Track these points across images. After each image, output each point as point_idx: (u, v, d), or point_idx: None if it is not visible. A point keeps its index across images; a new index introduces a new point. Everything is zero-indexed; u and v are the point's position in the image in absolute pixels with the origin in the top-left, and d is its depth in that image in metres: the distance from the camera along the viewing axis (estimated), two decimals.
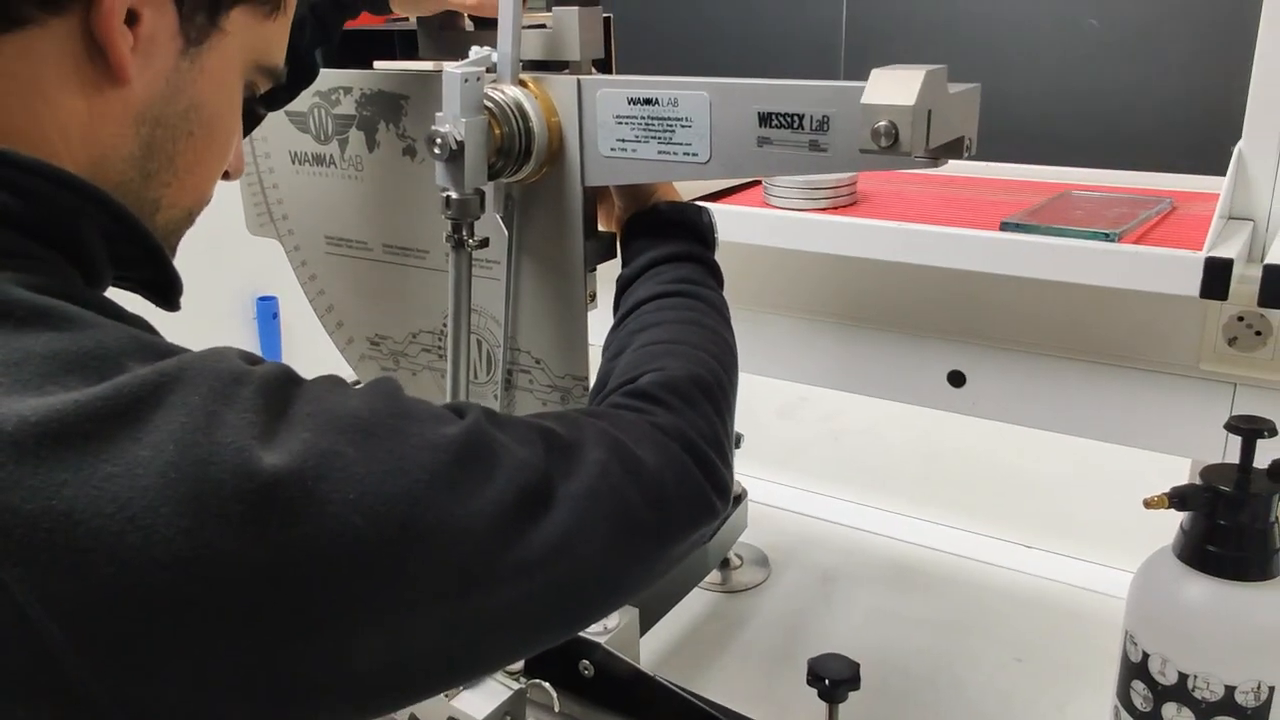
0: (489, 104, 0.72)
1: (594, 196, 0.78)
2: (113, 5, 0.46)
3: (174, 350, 0.43)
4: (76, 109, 0.48)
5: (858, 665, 0.80)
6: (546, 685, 0.88)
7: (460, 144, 0.69)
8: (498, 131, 0.72)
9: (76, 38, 0.47)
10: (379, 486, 0.42)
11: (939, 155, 0.58)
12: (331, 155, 0.87)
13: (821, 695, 0.80)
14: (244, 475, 0.39)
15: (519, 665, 0.89)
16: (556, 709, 0.88)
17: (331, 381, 0.48)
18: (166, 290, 0.55)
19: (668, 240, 0.74)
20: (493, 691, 0.87)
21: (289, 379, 0.45)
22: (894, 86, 0.55)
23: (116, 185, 0.51)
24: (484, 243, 0.75)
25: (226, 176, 0.61)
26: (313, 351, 1.67)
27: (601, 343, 0.76)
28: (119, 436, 0.38)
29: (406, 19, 0.84)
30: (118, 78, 0.48)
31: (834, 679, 0.79)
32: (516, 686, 0.87)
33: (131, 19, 0.47)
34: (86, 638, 0.36)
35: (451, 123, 0.69)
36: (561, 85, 0.74)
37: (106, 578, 0.36)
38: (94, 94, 0.48)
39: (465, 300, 0.77)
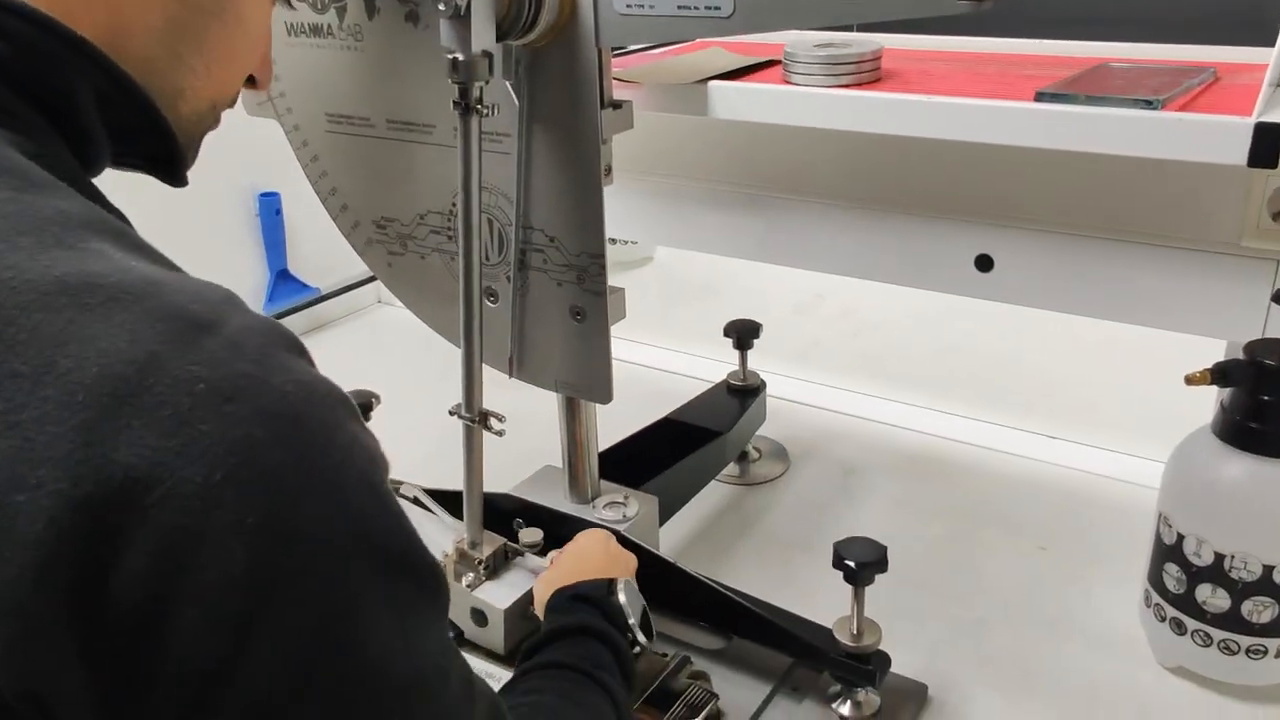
0: None
1: (609, 61, 0.75)
2: None
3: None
4: None
5: (885, 548, 0.79)
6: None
7: (466, 1, 0.66)
8: None
9: None
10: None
11: None
12: (329, 25, 0.83)
13: (847, 578, 0.79)
14: None
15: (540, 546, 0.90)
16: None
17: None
18: (171, 164, 0.53)
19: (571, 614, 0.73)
20: (514, 583, 0.87)
21: None
22: None
23: (140, 61, 0.49)
24: (493, 109, 0.72)
25: (253, 84, 0.60)
26: (317, 248, 1.67)
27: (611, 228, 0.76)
28: None
29: None
30: None
31: (860, 561, 0.78)
32: (540, 568, 0.87)
33: None
34: None
35: None
36: None
37: None
38: None
39: (476, 172, 0.74)
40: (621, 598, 0.73)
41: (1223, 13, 1.40)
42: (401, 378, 1.22)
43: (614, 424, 1.04)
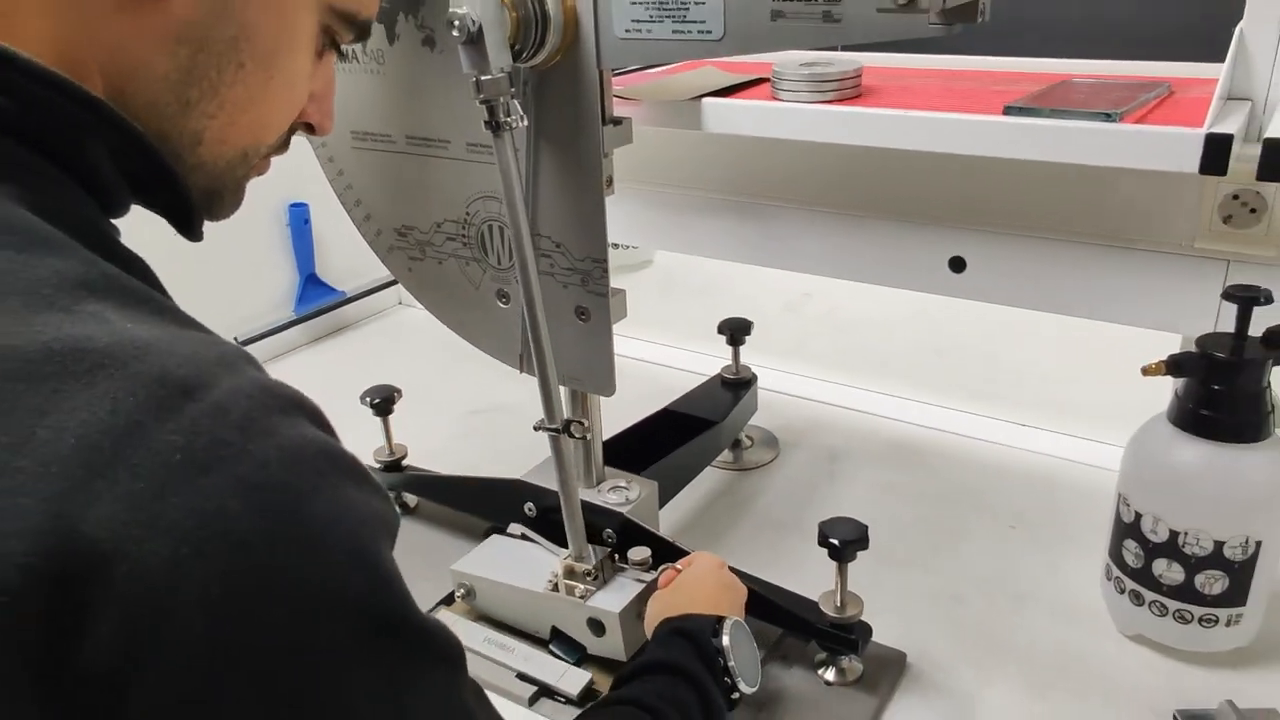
0: None
1: (609, 80, 0.75)
2: None
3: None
4: (111, 21, 0.44)
5: (866, 527, 0.80)
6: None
7: (479, 25, 0.66)
8: (512, 15, 0.69)
9: None
10: None
11: (954, 18, 0.55)
12: (353, 51, 0.83)
13: (831, 555, 0.80)
14: None
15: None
16: None
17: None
18: (185, 215, 0.50)
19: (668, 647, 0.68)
20: (624, 587, 0.86)
21: None
22: None
23: (147, 106, 0.46)
24: (522, 118, 0.69)
25: (311, 131, 0.55)
26: (343, 254, 1.67)
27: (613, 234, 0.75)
28: None
29: None
30: None
31: (844, 539, 0.79)
32: (649, 578, 0.86)
33: None
34: None
35: (469, 5, 0.66)
36: None
37: None
38: (132, 6, 0.44)
39: (518, 186, 0.72)
40: (726, 640, 0.67)
41: (1177, 31, 1.40)
42: (421, 373, 1.23)
43: (617, 414, 1.04)
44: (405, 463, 1.10)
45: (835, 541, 0.79)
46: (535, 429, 0.79)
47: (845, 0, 0.59)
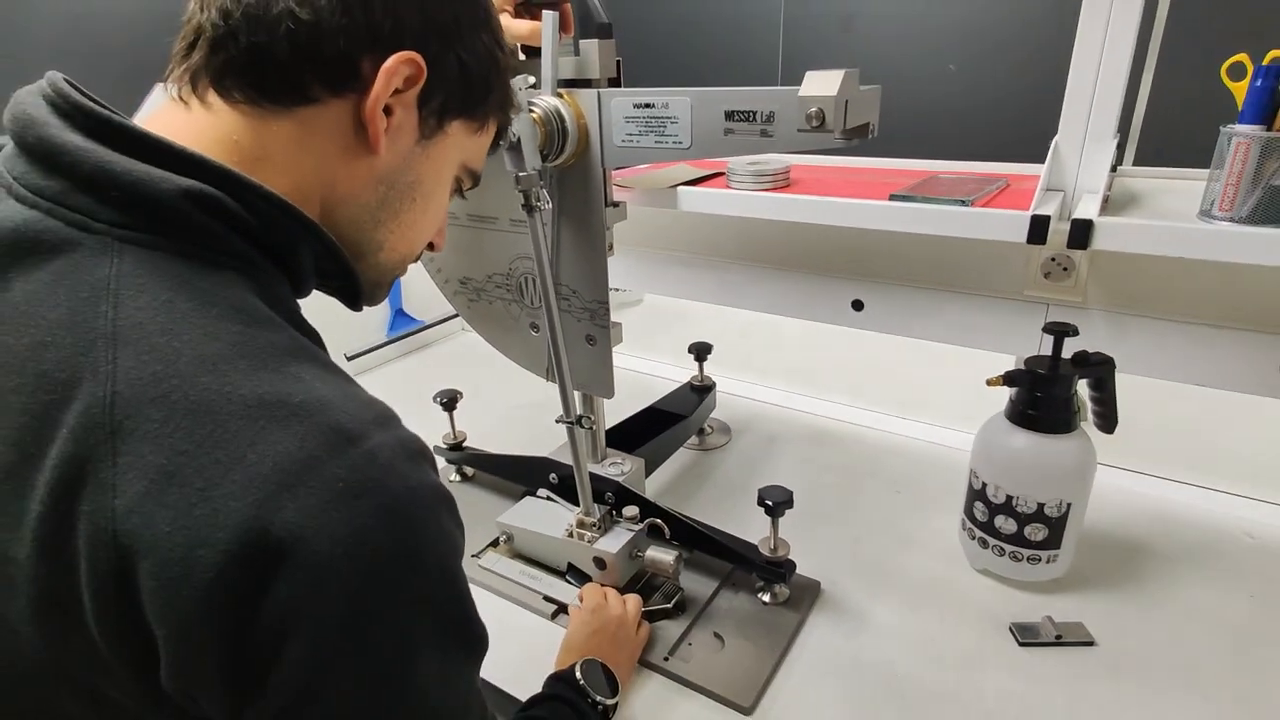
0: (535, 109, 0.68)
1: (611, 175, 0.75)
2: (377, 99, 0.43)
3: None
4: (336, 164, 0.44)
5: (791, 492, 0.80)
6: (660, 522, 0.86)
7: (519, 137, 0.66)
8: (541, 129, 0.69)
9: (348, 117, 0.43)
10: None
11: (851, 135, 0.55)
12: (500, 145, 0.81)
13: (767, 512, 0.80)
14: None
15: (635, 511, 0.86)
16: (667, 535, 0.87)
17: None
18: (353, 296, 0.50)
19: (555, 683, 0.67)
20: (619, 535, 0.85)
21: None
22: (822, 83, 0.52)
23: (350, 223, 0.46)
24: (548, 202, 0.70)
25: (431, 248, 0.56)
26: (422, 294, 1.67)
27: (613, 281, 0.73)
28: None
29: None
30: (372, 149, 0.44)
31: (775, 501, 0.79)
32: (637, 528, 0.85)
33: (388, 111, 0.44)
34: None
35: (514, 122, 0.66)
36: (587, 96, 0.71)
37: None
38: (351, 158, 0.44)
39: (545, 251, 0.72)
40: (579, 677, 0.66)
41: (1013, 138, 1.42)
42: (477, 381, 1.22)
43: (615, 410, 1.04)
44: (465, 444, 1.10)
45: (770, 502, 0.79)
46: (556, 421, 0.79)
47: (776, 122, 0.59)
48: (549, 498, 0.95)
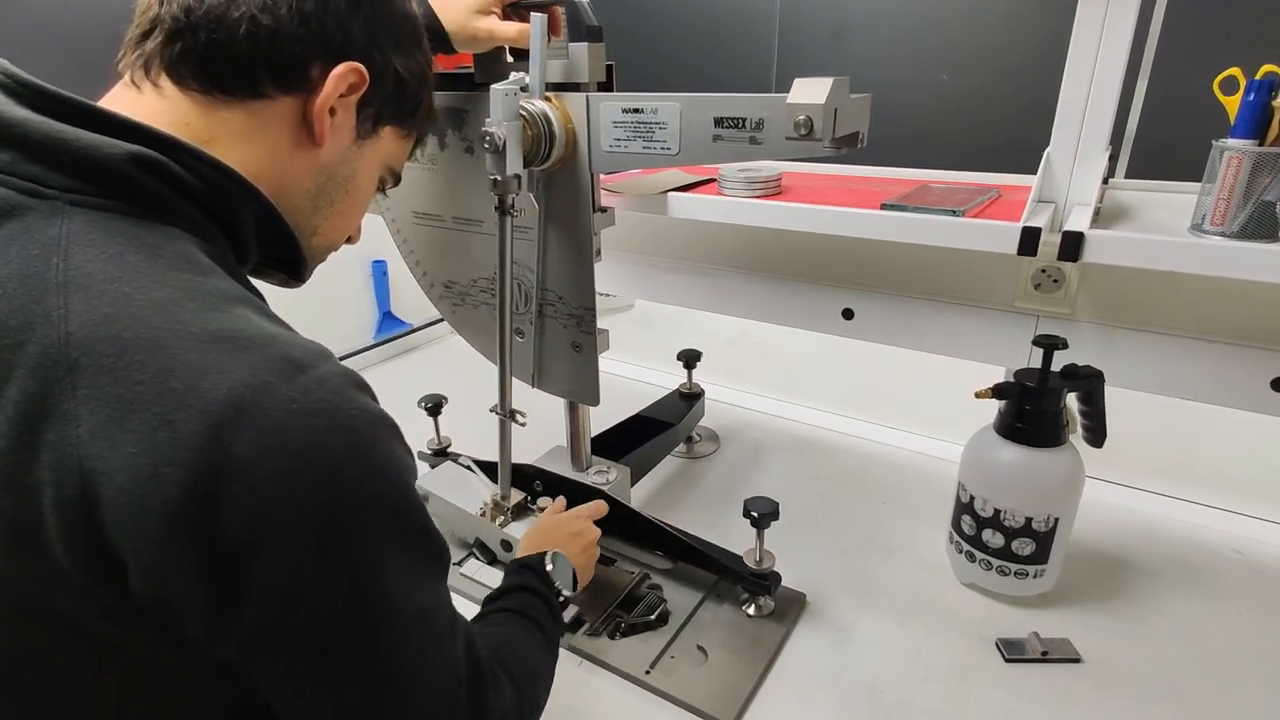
0: (523, 113, 0.68)
1: (599, 180, 0.74)
2: (326, 99, 0.47)
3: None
4: (285, 155, 0.48)
5: (777, 504, 0.79)
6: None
7: (503, 141, 0.65)
8: (529, 133, 0.68)
9: (295, 114, 0.48)
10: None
11: (841, 144, 0.55)
12: (416, 153, 0.82)
13: (752, 524, 0.79)
14: None
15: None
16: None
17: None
18: (296, 267, 0.53)
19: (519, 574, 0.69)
20: (530, 524, 0.85)
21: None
22: (810, 90, 0.51)
23: (291, 209, 0.50)
24: (520, 211, 0.71)
25: (349, 240, 0.58)
26: (409, 297, 1.66)
27: (602, 287, 0.72)
28: None
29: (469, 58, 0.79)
30: (317, 143, 0.49)
31: (761, 512, 0.78)
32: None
33: (331, 112, 0.48)
34: None
35: (497, 126, 0.65)
36: (575, 100, 0.70)
37: None
38: (296, 149, 0.49)
39: (509, 251, 0.74)
40: (550, 566, 0.68)
41: (1005, 149, 1.42)
42: (462, 385, 1.21)
43: (601, 417, 1.03)
44: (450, 450, 1.09)
45: (755, 514, 0.78)
46: (490, 411, 0.81)
47: (765, 129, 0.58)
48: (469, 467, 0.96)
